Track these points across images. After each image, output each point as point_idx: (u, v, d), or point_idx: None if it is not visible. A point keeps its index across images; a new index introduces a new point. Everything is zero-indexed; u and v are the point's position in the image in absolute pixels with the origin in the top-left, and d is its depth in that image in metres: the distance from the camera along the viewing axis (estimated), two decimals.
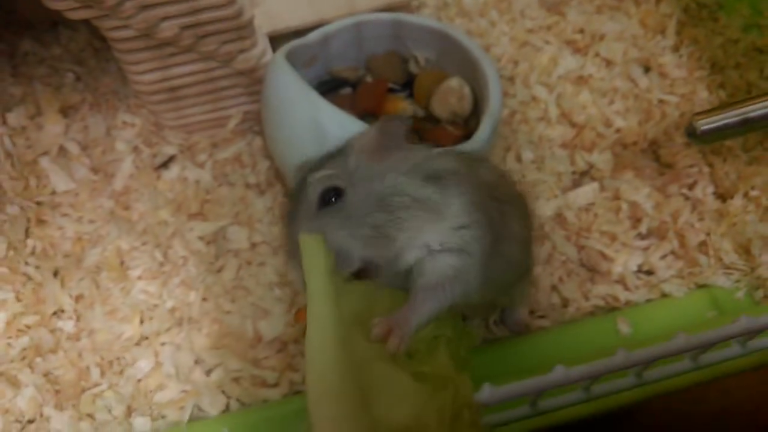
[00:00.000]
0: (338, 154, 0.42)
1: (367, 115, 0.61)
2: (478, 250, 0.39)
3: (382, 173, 0.39)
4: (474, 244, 0.39)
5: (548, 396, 0.38)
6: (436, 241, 0.38)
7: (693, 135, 0.50)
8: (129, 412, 0.52)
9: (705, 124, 0.49)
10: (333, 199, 0.39)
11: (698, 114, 0.50)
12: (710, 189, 0.63)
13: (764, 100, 0.49)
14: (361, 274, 0.39)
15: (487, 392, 0.33)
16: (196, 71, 0.60)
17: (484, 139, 0.54)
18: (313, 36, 0.62)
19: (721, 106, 0.50)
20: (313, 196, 0.39)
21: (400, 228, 0.38)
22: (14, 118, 0.68)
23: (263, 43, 0.62)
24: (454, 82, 0.61)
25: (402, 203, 0.38)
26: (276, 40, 0.64)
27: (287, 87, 0.55)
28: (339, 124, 0.52)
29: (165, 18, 0.53)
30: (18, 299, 0.57)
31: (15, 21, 0.75)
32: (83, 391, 0.54)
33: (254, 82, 0.63)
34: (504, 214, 0.42)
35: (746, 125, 0.49)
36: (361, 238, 0.38)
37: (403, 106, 0.64)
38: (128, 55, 0.57)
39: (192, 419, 0.52)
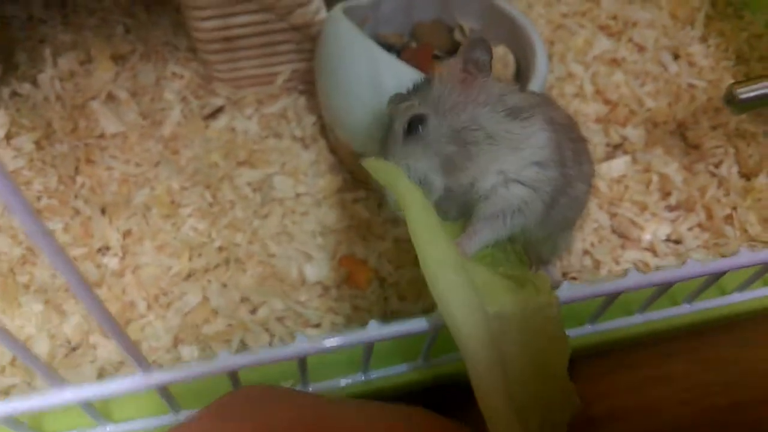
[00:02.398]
0: (425, 84, 0.43)
1: None
2: (548, 188, 0.40)
3: (463, 103, 0.40)
4: (546, 182, 0.40)
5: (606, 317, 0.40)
6: (512, 171, 0.40)
7: (732, 102, 0.53)
8: (176, 342, 0.54)
9: (744, 92, 0.52)
10: (419, 128, 0.40)
11: (736, 83, 0.53)
12: (735, 168, 0.66)
13: None
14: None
15: (565, 289, 0.35)
16: (253, 22, 0.62)
17: None
18: None
19: (758, 77, 0.53)
20: (399, 126, 0.41)
21: (473, 159, 0.40)
22: (64, 62, 0.69)
23: (319, 1, 0.64)
24: (499, 50, 0.63)
25: (476, 137, 0.40)
26: (329, 0, 0.66)
27: (347, 38, 0.57)
28: (397, 75, 0.54)
29: None
30: (66, 231, 0.59)
31: None
32: (129, 322, 0.55)
33: (306, 38, 0.65)
34: (578, 153, 0.44)
35: None
36: (440, 167, 0.39)
37: None
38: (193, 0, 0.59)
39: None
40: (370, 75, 0.55)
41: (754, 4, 0.80)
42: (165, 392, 0.36)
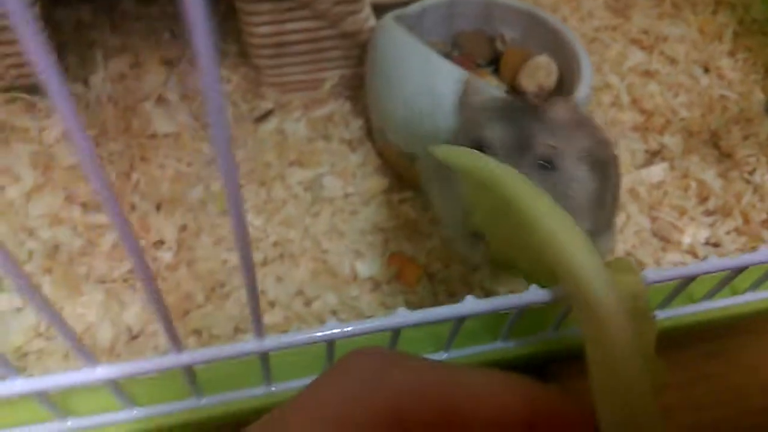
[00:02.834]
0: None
1: None
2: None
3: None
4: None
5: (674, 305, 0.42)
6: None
7: None
8: (236, 331, 0.55)
9: None
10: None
11: None
12: None
13: None
14: None
15: (651, 274, 0.36)
16: (305, 29, 0.64)
17: (581, 100, 0.58)
18: (412, 8, 0.67)
19: None
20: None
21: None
22: (114, 65, 0.71)
23: (368, 10, 0.66)
24: (543, 59, 0.66)
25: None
26: (375, 9, 0.69)
27: (401, 44, 0.59)
28: (453, 79, 0.56)
29: None
30: None
31: None
32: (186, 312, 0.56)
33: (354, 46, 0.67)
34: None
35: None
36: None
37: (489, 79, 0.69)
38: (250, 5, 0.61)
39: None
40: (424, 78, 0.57)
41: None
42: (266, 361, 0.36)
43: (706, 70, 0.77)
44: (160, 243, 0.60)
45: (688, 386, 0.61)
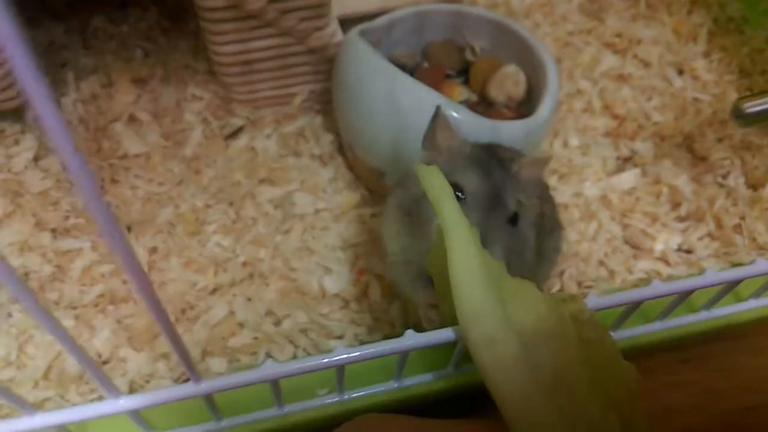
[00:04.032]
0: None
1: None
2: None
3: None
4: None
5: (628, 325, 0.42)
6: None
7: (739, 116, 0.55)
8: (204, 354, 0.55)
9: (750, 106, 0.54)
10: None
11: (743, 98, 0.55)
12: (742, 179, 0.67)
13: None
14: None
15: (591, 300, 0.36)
16: (272, 46, 0.64)
17: (546, 114, 0.58)
18: (380, 21, 0.66)
19: (764, 91, 0.55)
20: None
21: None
22: (86, 86, 0.71)
23: (335, 24, 0.66)
24: (511, 68, 0.65)
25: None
26: (343, 23, 0.68)
27: (364, 60, 0.59)
28: (415, 95, 0.56)
29: None
30: (93, 249, 0.60)
31: None
32: (156, 336, 0.56)
33: (322, 61, 0.67)
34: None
35: None
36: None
37: (458, 90, 0.68)
38: (214, 25, 0.61)
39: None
40: (388, 94, 0.57)
41: (754, 20, 0.82)
42: (211, 401, 0.37)
43: (681, 71, 0.77)
44: None
45: (662, 392, 0.61)
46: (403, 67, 0.70)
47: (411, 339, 0.33)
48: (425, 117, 0.56)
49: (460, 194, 0.43)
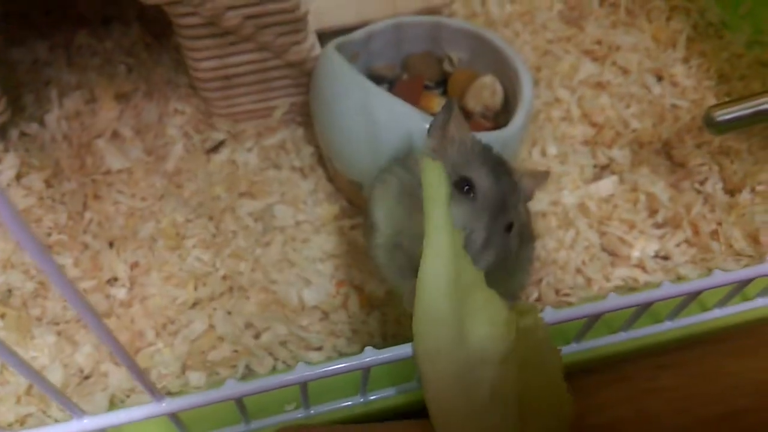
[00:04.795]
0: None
1: None
2: None
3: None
4: None
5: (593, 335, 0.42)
6: None
7: (711, 125, 0.55)
8: (184, 368, 0.56)
9: (721, 114, 0.55)
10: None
11: (714, 106, 0.56)
12: (719, 185, 0.68)
13: None
14: None
15: (549, 314, 0.37)
16: (250, 61, 0.65)
17: (520, 125, 0.59)
18: (357, 34, 0.67)
19: (736, 99, 0.56)
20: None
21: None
22: (70, 103, 0.72)
23: (312, 38, 0.67)
24: (488, 79, 0.66)
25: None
26: (321, 37, 0.69)
27: (340, 74, 0.60)
28: (388, 109, 0.57)
29: (231, 7, 0.59)
30: (76, 265, 0.61)
31: (71, 16, 0.80)
32: (138, 350, 0.57)
33: (301, 74, 0.68)
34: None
35: (758, 116, 0.54)
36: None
37: (437, 101, 0.69)
38: (191, 42, 0.62)
39: (244, 377, 0.56)
40: (363, 109, 0.58)
41: (734, 24, 0.83)
42: (176, 419, 0.38)
43: (660, 78, 0.77)
44: (113, 280, 0.61)
45: (640, 398, 0.62)
46: (382, 80, 0.72)
47: (370, 356, 0.34)
48: (400, 131, 0.57)
49: (468, 189, 0.43)
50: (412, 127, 0.56)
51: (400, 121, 0.57)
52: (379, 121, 0.57)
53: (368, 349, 0.35)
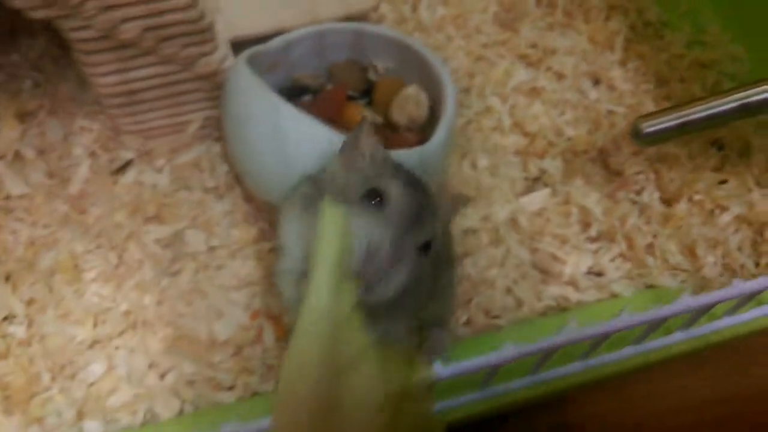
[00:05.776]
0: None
1: (327, 122, 0.62)
2: None
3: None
4: None
5: (498, 381, 0.39)
6: None
7: (638, 137, 0.52)
8: (80, 416, 0.51)
9: (648, 126, 0.52)
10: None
11: (642, 117, 0.53)
12: (656, 195, 0.65)
13: (702, 104, 0.52)
14: None
15: (441, 368, 0.34)
16: (156, 74, 0.60)
17: (441, 141, 0.55)
18: (274, 43, 0.63)
19: (663, 110, 0.53)
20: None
21: None
22: None
23: (224, 49, 0.62)
24: (411, 90, 0.63)
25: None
26: (238, 46, 0.65)
27: (248, 90, 0.56)
28: (299, 127, 0.53)
29: (127, 19, 0.54)
30: None
31: None
32: (33, 396, 0.53)
33: (215, 87, 0.63)
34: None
35: (685, 127, 0.52)
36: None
37: (362, 113, 0.65)
38: (89, 57, 0.57)
39: (145, 423, 0.52)
40: (273, 126, 0.54)
41: (673, 23, 0.80)
42: None
43: (596, 82, 0.74)
44: (12, 317, 0.57)
45: (581, 427, 0.59)
46: (306, 89, 0.67)
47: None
48: (311, 149, 0.53)
49: (378, 202, 0.40)
50: (324, 146, 0.52)
51: (311, 139, 0.53)
52: (290, 139, 0.54)
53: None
